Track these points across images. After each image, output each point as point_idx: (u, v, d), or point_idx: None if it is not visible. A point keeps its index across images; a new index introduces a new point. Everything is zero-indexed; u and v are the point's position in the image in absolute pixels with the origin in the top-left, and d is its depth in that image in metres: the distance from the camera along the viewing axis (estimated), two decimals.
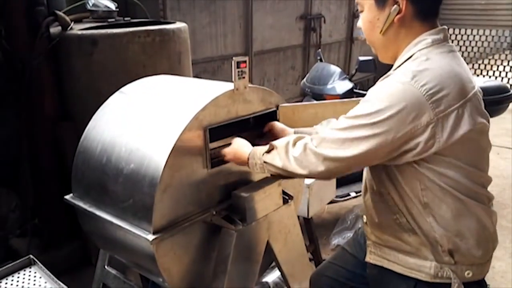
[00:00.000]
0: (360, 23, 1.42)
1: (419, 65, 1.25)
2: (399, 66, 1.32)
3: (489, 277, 2.96)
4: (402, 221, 1.39)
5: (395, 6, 1.29)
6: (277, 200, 1.79)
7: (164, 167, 1.47)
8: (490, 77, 7.93)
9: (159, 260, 1.53)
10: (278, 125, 1.83)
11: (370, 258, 1.54)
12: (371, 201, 1.48)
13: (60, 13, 2.76)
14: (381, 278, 1.51)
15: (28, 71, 2.65)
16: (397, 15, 1.30)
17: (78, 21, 3.00)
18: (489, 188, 1.40)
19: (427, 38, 1.31)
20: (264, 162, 1.46)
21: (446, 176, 1.28)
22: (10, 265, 1.79)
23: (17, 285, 1.71)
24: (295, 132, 1.79)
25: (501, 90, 4.11)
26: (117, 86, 1.96)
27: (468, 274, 1.37)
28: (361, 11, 1.39)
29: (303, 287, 1.93)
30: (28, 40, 2.64)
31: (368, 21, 1.37)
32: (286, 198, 1.86)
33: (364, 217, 1.56)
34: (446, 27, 1.36)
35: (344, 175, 1.39)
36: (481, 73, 8.23)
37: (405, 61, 1.30)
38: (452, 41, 1.47)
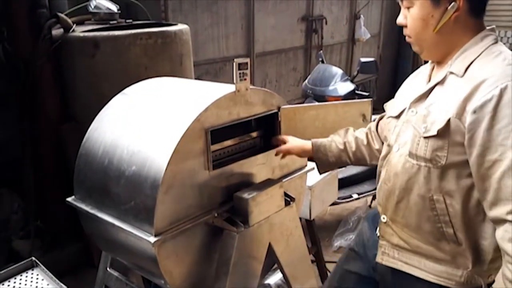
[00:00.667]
0: (403, 20, 1.34)
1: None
2: (470, 64, 1.24)
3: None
4: (447, 231, 1.30)
5: (453, 3, 1.23)
6: (279, 202, 1.79)
7: (166, 169, 1.47)
8: None
9: (161, 262, 1.53)
10: (294, 141, 1.80)
11: (382, 259, 1.48)
12: (411, 204, 1.35)
13: (62, 15, 2.77)
14: (397, 281, 1.46)
15: (30, 73, 2.66)
16: (454, 12, 1.25)
17: (80, 23, 3.01)
18: None
19: (491, 34, 1.28)
20: None
21: None
22: (13, 267, 1.79)
23: (19, 287, 1.71)
24: (312, 143, 1.76)
25: None
26: (119, 88, 1.97)
27: (490, 277, 1.35)
28: (408, 7, 1.31)
29: None
30: (30, 42, 2.65)
31: (420, 18, 1.28)
32: (288, 200, 1.85)
33: (384, 216, 1.46)
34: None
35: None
36: None
37: (476, 57, 1.25)
38: None
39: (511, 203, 1.13)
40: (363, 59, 4.12)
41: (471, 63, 1.24)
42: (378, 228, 1.53)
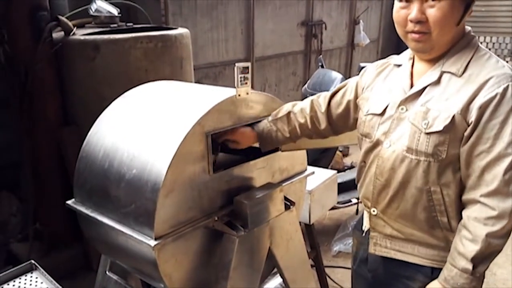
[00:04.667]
0: (421, 15, 1.26)
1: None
2: (469, 61, 1.30)
3: (490, 284, 2.96)
4: (442, 219, 1.36)
5: None
6: (279, 206, 1.79)
7: (166, 172, 1.47)
8: None
9: (161, 265, 1.52)
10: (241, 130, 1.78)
11: (375, 250, 1.51)
12: (407, 196, 1.38)
13: (63, 18, 2.77)
14: (389, 270, 1.50)
15: (30, 75, 2.66)
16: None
17: (80, 26, 3.02)
18: None
19: (474, 36, 1.36)
20: (480, 274, 1.29)
21: None
22: (12, 270, 1.79)
23: None
24: (257, 133, 1.77)
25: None
26: (119, 91, 1.97)
27: None
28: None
29: None
30: (31, 45, 2.65)
31: (450, 11, 1.25)
32: (288, 204, 1.85)
33: (374, 209, 1.47)
34: None
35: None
36: None
37: (471, 59, 1.31)
38: None
39: (486, 188, 1.25)
40: (362, 64, 4.15)
41: (468, 63, 1.30)
42: (365, 221, 1.58)
